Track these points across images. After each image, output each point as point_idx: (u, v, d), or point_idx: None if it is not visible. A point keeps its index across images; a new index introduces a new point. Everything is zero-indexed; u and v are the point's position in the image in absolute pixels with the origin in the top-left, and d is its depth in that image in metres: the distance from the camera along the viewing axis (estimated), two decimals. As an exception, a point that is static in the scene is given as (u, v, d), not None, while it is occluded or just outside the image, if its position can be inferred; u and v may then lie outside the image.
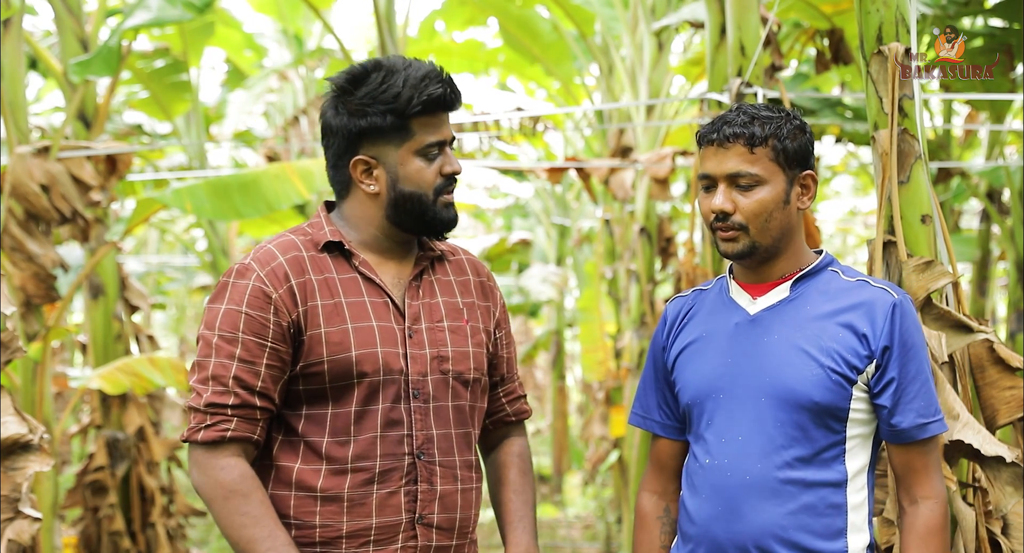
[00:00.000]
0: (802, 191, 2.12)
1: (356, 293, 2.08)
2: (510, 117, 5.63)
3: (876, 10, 2.48)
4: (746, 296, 2.16)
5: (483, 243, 12.26)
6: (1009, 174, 6.46)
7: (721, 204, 2.08)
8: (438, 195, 2.10)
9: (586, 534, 9.17)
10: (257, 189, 4.75)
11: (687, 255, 4.27)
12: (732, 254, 2.10)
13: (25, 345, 4.69)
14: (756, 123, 2.07)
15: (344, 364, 2.03)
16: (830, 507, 2.04)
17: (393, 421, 2.06)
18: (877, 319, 2.05)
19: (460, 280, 2.23)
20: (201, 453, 2.02)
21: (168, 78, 6.76)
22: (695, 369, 2.16)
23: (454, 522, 2.12)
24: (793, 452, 2.04)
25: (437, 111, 2.07)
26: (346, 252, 2.11)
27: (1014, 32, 5.62)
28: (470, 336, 2.17)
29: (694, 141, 4.31)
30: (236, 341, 2.01)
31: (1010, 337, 6.78)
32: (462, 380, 2.14)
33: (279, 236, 2.13)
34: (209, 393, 2.01)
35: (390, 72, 2.05)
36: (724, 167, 2.08)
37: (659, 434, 2.28)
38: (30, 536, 2.92)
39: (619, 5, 6.71)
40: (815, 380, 2.04)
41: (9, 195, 4.59)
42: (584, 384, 11.23)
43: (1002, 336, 8.13)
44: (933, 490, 2.08)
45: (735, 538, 2.06)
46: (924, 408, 2.07)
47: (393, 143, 2.07)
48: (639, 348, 6.70)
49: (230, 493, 1.98)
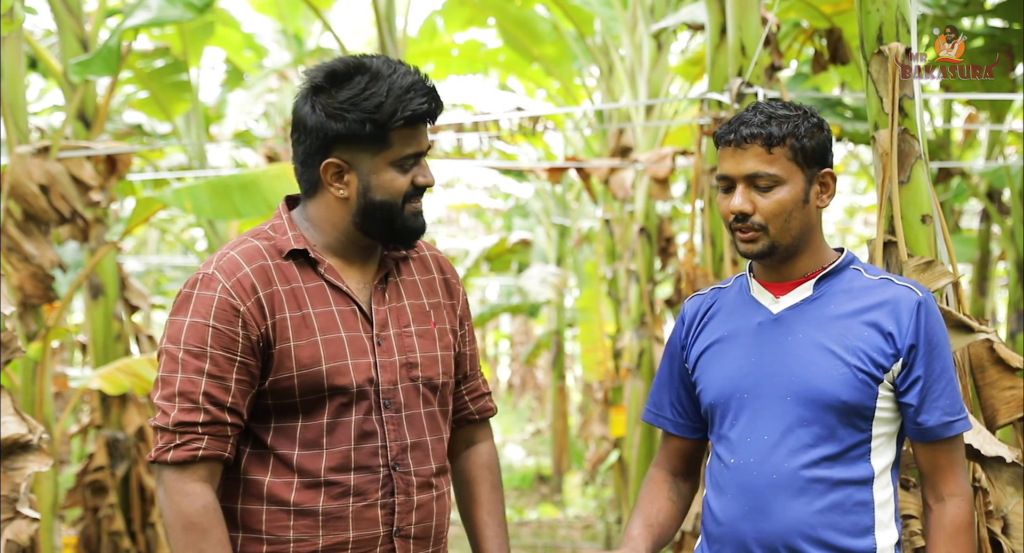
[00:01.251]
0: (821, 189, 2.11)
1: (323, 302, 2.01)
2: (510, 117, 5.63)
3: (876, 10, 2.48)
4: (768, 295, 2.14)
5: (483, 243, 12.27)
6: (1009, 174, 6.45)
7: (740, 205, 2.07)
8: (406, 203, 2.02)
9: (586, 534, 9.17)
10: (257, 189, 4.75)
11: (687, 255, 4.27)
12: (752, 254, 2.10)
13: (24, 345, 4.69)
14: (773, 123, 2.05)
15: (315, 378, 1.97)
16: (857, 505, 2.04)
17: (366, 433, 2.00)
18: (903, 317, 2.04)
19: (425, 279, 2.17)
20: (169, 474, 1.93)
21: (168, 78, 6.75)
22: (718, 369, 2.15)
23: (430, 530, 2.08)
24: (820, 451, 2.04)
25: (418, 124, 1.99)
26: (311, 260, 2.03)
27: (1014, 32, 5.62)
28: (438, 339, 2.12)
29: (694, 141, 4.32)
30: (204, 356, 1.93)
31: (1010, 337, 6.78)
32: (431, 386, 2.09)
33: (241, 241, 2.04)
34: (176, 411, 1.92)
35: (374, 78, 1.96)
36: (742, 168, 2.07)
37: (671, 432, 2.29)
38: (28, 536, 2.92)
39: (618, 5, 6.71)
40: (842, 379, 2.03)
41: (8, 195, 4.59)
42: (584, 384, 11.24)
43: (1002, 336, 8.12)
44: (960, 487, 2.09)
45: (763, 537, 2.05)
46: (950, 406, 2.07)
47: (368, 151, 1.98)
48: (639, 348, 6.70)
49: (190, 525, 1.90)
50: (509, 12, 7.37)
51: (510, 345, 20.84)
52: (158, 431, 1.95)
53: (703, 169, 4.20)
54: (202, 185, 4.79)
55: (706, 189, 4.20)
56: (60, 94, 6.86)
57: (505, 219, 14.32)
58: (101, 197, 4.98)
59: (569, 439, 11.82)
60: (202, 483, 1.93)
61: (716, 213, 4.15)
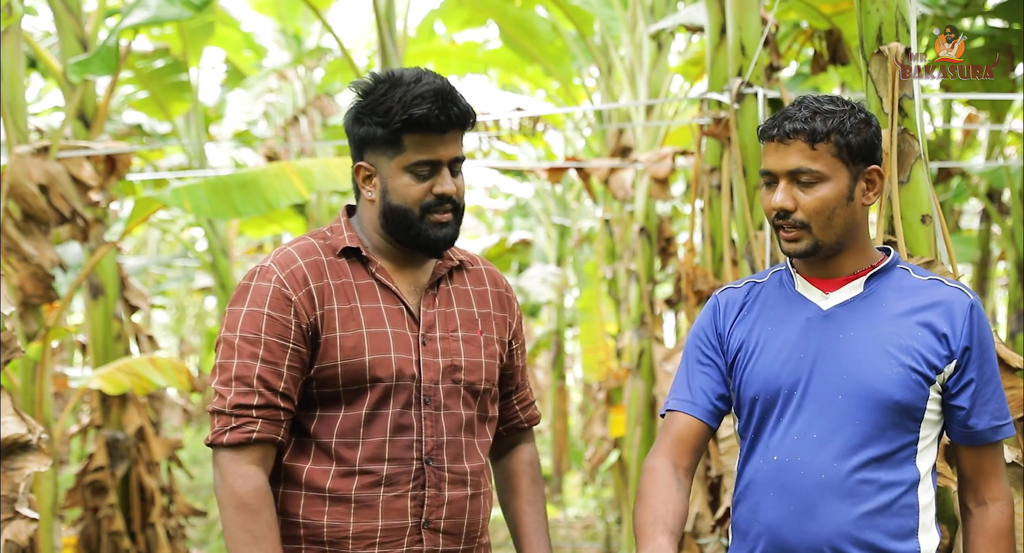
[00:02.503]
0: (867, 187, 2.07)
1: (372, 299, 2.11)
2: (510, 117, 5.63)
3: (876, 10, 2.48)
4: (816, 291, 2.10)
5: (483, 243, 12.26)
6: (1009, 174, 6.45)
7: (781, 202, 2.04)
8: (425, 213, 2.09)
9: (586, 534, 9.17)
10: (256, 188, 4.75)
11: (687, 255, 4.27)
12: (795, 253, 2.06)
13: (24, 345, 4.69)
14: (818, 118, 2.02)
15: (357, 368, 2.05)
16: (904, 507, 2.02)
17: (403, 426, 2.08)
18: (956, 319, 2.03)
19: (477, 290, 2.24)
20: (225, 456, 2.03)
21: (168, 78, 6.76)
22: (762, 365, 2.10)
23: (461, 527, 2.13)
24: (869, 452, 2.01)
25: (427, 131, 2.05)
26: (364, 258, 2.13)
27: (1014, 32, 5.62)
28: (483, 347, 2.19)
29: (694, 141, 4.32)
30: (259, 342, 2.04)
31: (1010, 337, 6.78)
32: (473, 390, 2.16)
33: (299, 239, 2.16)
34: (233, 394, 2.03)
35: (394, 85, 2.06)
36: (785, 164, 2.04)
37: (683, 411, 2.15)
38: (27, 536, 2.92)
39: (618, 5, 6.71)
40: (896, 379, 2.00)
41: (7, 195, 4.59)
42: (584, 384, 11.23)
43: (1002, 336, 8.13)
44: (1002, 492, 2.08)
45: (808, 538, 2.02)
46: (998, 410, 2.06)
47: (386, 155, 2.09)
48: (639, 348, 6.70)
49: (242, 506, 2.00)
50: (508, 13, 7.37)
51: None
52: (215, 415, 2.05)
53: (703, 169, 4.19)
54: (201, 184, 4.79)
55: (706, 189, 4.20)
56: (60, 94, 6.86)
57: (505, 219, 14.31)
58: (101, 197, 4.98)
59: (569, 439, 11.82)
60: (255, 466, 2.03)
61: (716, 213, 4.15)
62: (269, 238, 11.05)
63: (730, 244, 3.97)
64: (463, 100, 2.09)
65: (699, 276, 4.15)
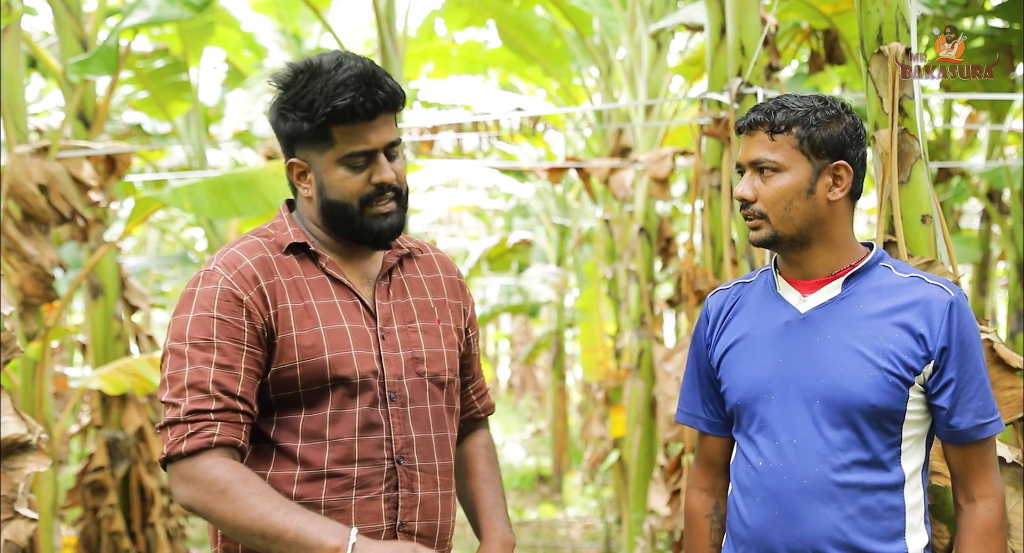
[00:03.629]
0: (833, 182, 2.06)
1: (325, 295, 2.01)
2: (510, 117, 5.63)
3: (876, 10, 2.48)
4: (795, 293, 2.11)
5: (483, 243, 12.27)
6: (1009, 174, 6.45)
7: (742, 191, 2.07)
8: (365, 205, 1.99)
9: (586, 534, 9.17)
10: (255, 187, 4.75)
11: (687, 255, 4.27)
12: (756, 242, 2.08)
13: (24, 345, 4.69)
14: (781, 111, 2.04)
15: (317, 367, 1.95)
16: (888, 509, 2.02)
17: (371, 424, 1.98)
18: (934, 319, 2.00)
19: (430, 278, 2.17)
20: (185, 466, 1.88)
21: (168, 78, 6.76)
22: (743, 369, 2.11)
23: (435, 529, 2.06)
24: (851, 455, 2.01)
25: (355, 121, 1.94)
26: (312, 253, 2.03)
27: (1014, 33, 5.62)
28: (443, 336, 2.12)
29: (694, 141, 4.32)
30: (211, 347, 1.91)
31: (1010, 337, 6.77)
32: (437, 382, 2.08)
33: (241, 239, 2.04)
34: (187, 402, 1.89)
35: (313, 76, 1.94)
36: (748, 154, 2.07)
37: (706, 431, 2.24)
38: (27, 537, 2.91)
39: (617, 5, 6.70)
40: (872, 383, 1.99)
41: (7, 195, 4.59)
42: (584, 384, 11.23)
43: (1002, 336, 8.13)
44: (992, 488, 2.06)
45: (792, 543, 2.03)
46: (982, 408, 2.04)
47: (317, 149, 1.98)
48: (639, 348, 6.70)
49: (227, 484, 1.85)
50: (508, 13, 7.37)
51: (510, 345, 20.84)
52: (168, 427, 1.91)
53: (703, 169, 4.19)
54: (201, 184, 4.79)
55: (706, 189, 4.20)
56: (60, 94, 6.86)
57: (505, 219, 14.31)
58: (100, 197, 4.98)
59: (569, 439, 11.82)
60: (222, 457, 1.89)
61: (716, 213, 4.15)
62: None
63: (730, 244, 3.97)
64: (388, 81, 1.96)
65: (699, 276, 4.14)
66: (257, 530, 1.84)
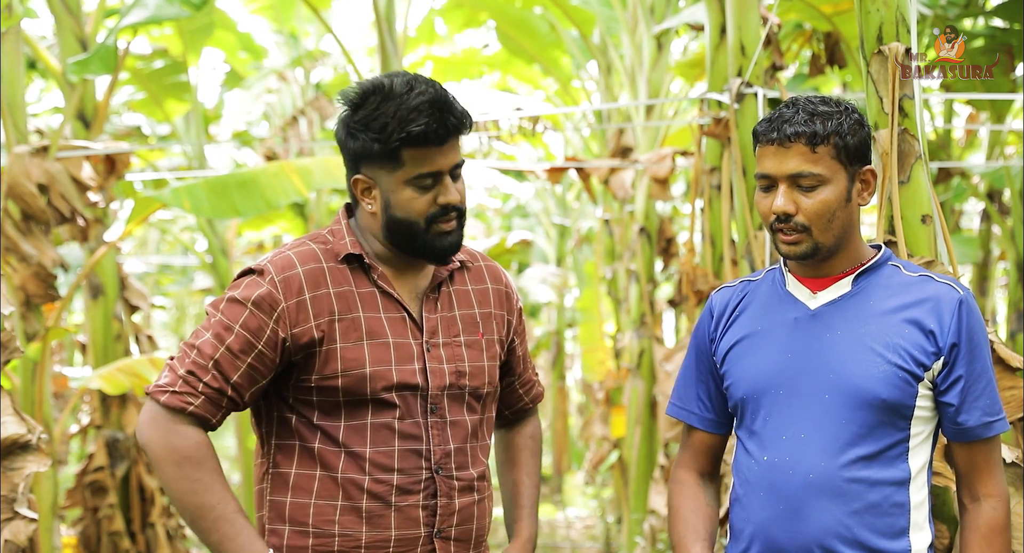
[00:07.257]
0: (862, 187, 2.07)
1: (373, 308, 2.08)
2: (510, 117, 5.63)
3: (876, 10, 2.47)
4: (805, 290, 2.11)
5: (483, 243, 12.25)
6: (1009, 174, 6.45)
7: (783, 206, 2.03)
8: (431, 223, 2.06)
9: (586, 534, 9.17)
10: (255, 187, 4.74)
11: (687, 255, 4.27)
12: (795, 256, 2.06)
13: (24, 345, 4.69)
14: (817, 120, 2.01)
15: (359, 379, 2.04)
16: (894, 506, 2.01)
17: (411, 436, 2.07)
18: (944, 316, 2.01)
19: (478, 289, 2.22)
20: (160, 412, 2.02)
21: (167, 79, 6.76)
22: (751, 364, 2.11)
23: (471, 533, 2.14)
24: (858, 450, 2.01)
25: (427, 145, 2.01)
26: (365, 265, 2.10)
27: (1014, 32, 5.62)
28: (485, 349, 2.18)
29: (694, 141, 4.32)
30: (231, 330, 2.03)
31: (1010, 337, 6.77)
32: (476, 395, 2.15)
33: (299, 243, 2.12)
34: (190, 361, 2.03)
35: (386, 98, 2.01)
36: (785, 167, 2.03)
37: (696, 426, 2.25)
38: (26, 537, 2.91)
39: (618, 6, 6.70)
40: (882, 377, 2.00)
41: (7, 195, 4.58)
42: (584, 384, 11.22)
43: (1002, 336, 8.13)
44: (996, 488, 2.06)
45: (797, 538, 2.02)
46: (989, 406, 2.05)
47: (385, 169, 2.05)
48: (639, 348, 6.70)
49: (184, 459, 1.99)
50: (508, 13, 7.37)
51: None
52: (169, 368, 2.05)
53: (703, 169, 4.19)
54: (200, 184, 4.79)
55: (706, 189, 4.20)
56: (60, 94, 6.86)
57: (505, 219, 14.31)
58: (100, 197, 4.98)
59: (569, 439, 11.82)
60: (193, 427, 2.03)
61: (716, 213, 4.15)
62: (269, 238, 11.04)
63: (730, 244, 3.97)
64: (458, 105, 2.05)
65: (699, 276, 4.15)
66: (189, 514, 2.01)
